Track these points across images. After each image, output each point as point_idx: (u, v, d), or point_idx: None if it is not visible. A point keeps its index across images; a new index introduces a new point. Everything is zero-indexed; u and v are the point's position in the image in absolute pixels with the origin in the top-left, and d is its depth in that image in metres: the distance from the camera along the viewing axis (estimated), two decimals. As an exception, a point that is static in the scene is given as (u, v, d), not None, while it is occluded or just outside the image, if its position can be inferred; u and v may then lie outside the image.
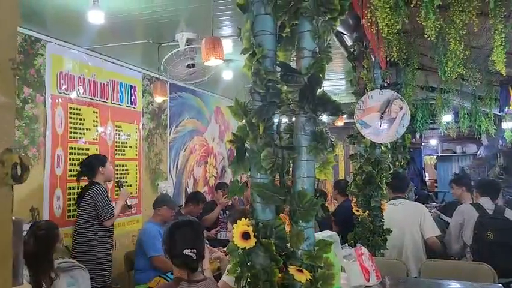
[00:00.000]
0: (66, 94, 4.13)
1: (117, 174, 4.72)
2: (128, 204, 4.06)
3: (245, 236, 1.39)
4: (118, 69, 4.82)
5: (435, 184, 11.73)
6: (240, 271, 1.41)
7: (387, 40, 2.94)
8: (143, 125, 5.24)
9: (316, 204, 1.35)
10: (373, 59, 3.82)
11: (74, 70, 4.23)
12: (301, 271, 1.35)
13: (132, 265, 4.33)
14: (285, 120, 1.49)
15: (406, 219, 3.90)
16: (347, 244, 2.81)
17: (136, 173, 5.09)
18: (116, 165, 4.75)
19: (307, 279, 1.35)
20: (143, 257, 4.08)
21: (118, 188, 4.33)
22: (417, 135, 8.88)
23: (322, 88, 1.39)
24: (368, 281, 2.56)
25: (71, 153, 4.15)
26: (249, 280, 1.40)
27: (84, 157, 4.21)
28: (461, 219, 3.81)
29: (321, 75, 1.40)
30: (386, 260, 3.46)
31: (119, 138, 4.81)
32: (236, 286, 1.42)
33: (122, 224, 4.73)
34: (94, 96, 4.47)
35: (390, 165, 4.32)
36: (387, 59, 4.58)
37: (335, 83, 6.25)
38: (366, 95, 3.78)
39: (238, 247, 1.39)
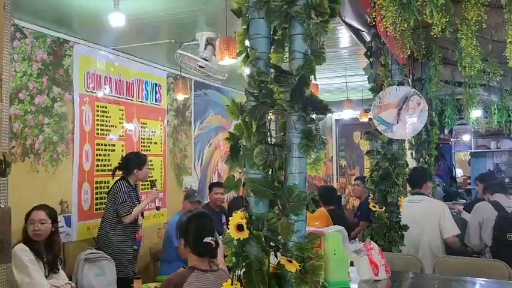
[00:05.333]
0: (93, 93, 4.33)
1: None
2: (157, 205, 4.17)
3: (239, 228, 1.48)
4: (143, 68, 4.99)
5: (468, 181, 11.45)
6: (235, 261, 1.50)
7: (400, 37, 2.94)
8: (168, 121, 5.40)
9: (304, 198, 1.43)
10: (390, 55, 3.82)
11: (101, 70, 4.42)
12: (290, 261, 1.43)
13: (156, 257, 4.52)
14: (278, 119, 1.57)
15: (425, 216, 3.88)
16: (357, 239, 2.85)
17: (161, 169, 5.26)
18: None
19: (296, 270, 1.43)
20: (170, 247, 4.25)
21: (150, 188, 4.43)
22: (446, 131, 8.70)
23: (311, 88, 1.46)
24: (377, 275, 2.60)
25: (98, 149, 4.35)
26: (243, 270, 1.49)
27: (111, 153, 4.44)
28: (480, 218, 3.77)
29: (310, 76, 1.46)
30: (401, 255, 3.47)
31: (144, 135, 4.99)
32: (231, 274, 1.51)
33: (148, 217, 4.90)
34: (120, 95, 4.66)
35: (407, 162, 4.27)
36: (412, 55, 4.56)
37: (358, 79, 6.22)
38: (383, 91, 3.80)
39: (233, 238, 1.49)
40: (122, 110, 4.68)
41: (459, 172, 11.31)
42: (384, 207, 3.75)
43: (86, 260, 3.72)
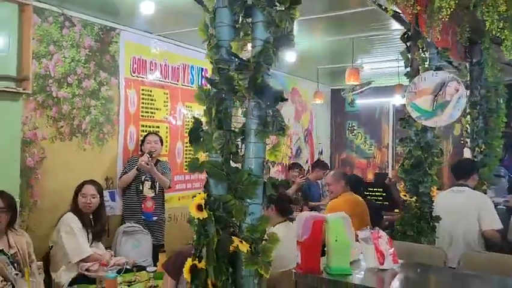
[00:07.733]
0: (139, 77, 4.59)
1: (186, 151, 5.14)
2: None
3: (199, 208, 1.56)
4: (188, 53, 5.16)
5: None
6: (196, 238, 1.59)
7: (428, 19, 2.80)
8: (213, 105, 5.56)
9: (255, 182, 1.47)
10: (429, 39, 3.63)
11: (146, 55, 4.66)
12: (242, 242, 1.49)
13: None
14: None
15: (463, 208, 3.69)
16: (368, 227, 2.81)
17: (206, 150, 5.46)
18: (186, 143, 5.16)
19: (247, 250, 1.49)
20: None
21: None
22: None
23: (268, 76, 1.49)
24: (383, 264, 2.56)
25: (143, 130, 4.62)
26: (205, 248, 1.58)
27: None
28: (523, 215, 3.51)
29: (269, 63, 1.49)
30: (426, 247, 3.35)
31: (188, 118, 5.19)
32: (194, 252, 1.61)
33: (188, 197, 5.14)
34: (165, 79, 4.89)
35: (464, 151, 4.04)
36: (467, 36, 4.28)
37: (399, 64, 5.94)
38: (418, 76, 3.64)
39: (194, 217, 1.58)
40: (167, 94, 4.91)
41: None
42: (415, 197, 3.63)
43: (125, 232, 4.03)
